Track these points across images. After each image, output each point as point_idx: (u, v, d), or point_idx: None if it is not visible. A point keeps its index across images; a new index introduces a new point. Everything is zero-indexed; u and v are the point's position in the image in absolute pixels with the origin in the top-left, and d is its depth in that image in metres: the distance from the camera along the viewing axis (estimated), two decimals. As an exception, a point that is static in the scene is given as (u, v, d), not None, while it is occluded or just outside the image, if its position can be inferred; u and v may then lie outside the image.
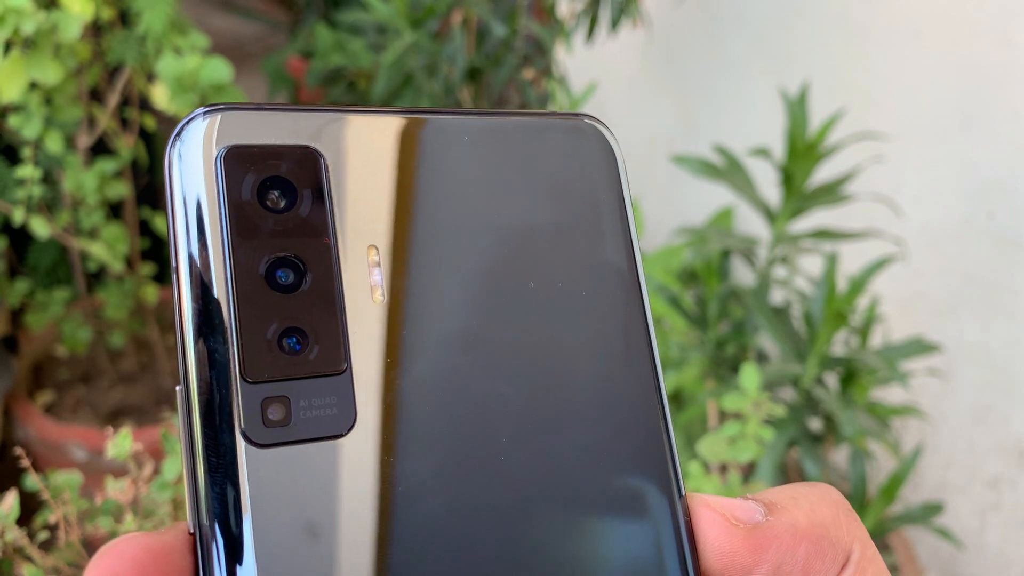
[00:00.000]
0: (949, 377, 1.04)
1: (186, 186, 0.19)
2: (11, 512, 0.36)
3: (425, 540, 0.18)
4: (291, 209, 0.19)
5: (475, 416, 0.20)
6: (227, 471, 0.17)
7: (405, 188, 0.21)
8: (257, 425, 0.18)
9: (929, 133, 1.03)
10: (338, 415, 0.19)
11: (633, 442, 0.21)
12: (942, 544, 1.06)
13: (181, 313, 0.18)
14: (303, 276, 0.19)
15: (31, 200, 0.92)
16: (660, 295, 0.95)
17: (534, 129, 0.22)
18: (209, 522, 0.17)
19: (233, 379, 0.18)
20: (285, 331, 0.19)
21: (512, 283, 0.21)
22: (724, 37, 1.29)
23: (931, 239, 1.04)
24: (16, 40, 0.78)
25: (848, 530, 0.21)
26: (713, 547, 0.20)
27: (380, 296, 0.20)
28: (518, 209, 0.21)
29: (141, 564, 0.17)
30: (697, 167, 0.91)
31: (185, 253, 0.19)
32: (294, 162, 0.20)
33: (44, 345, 1.22)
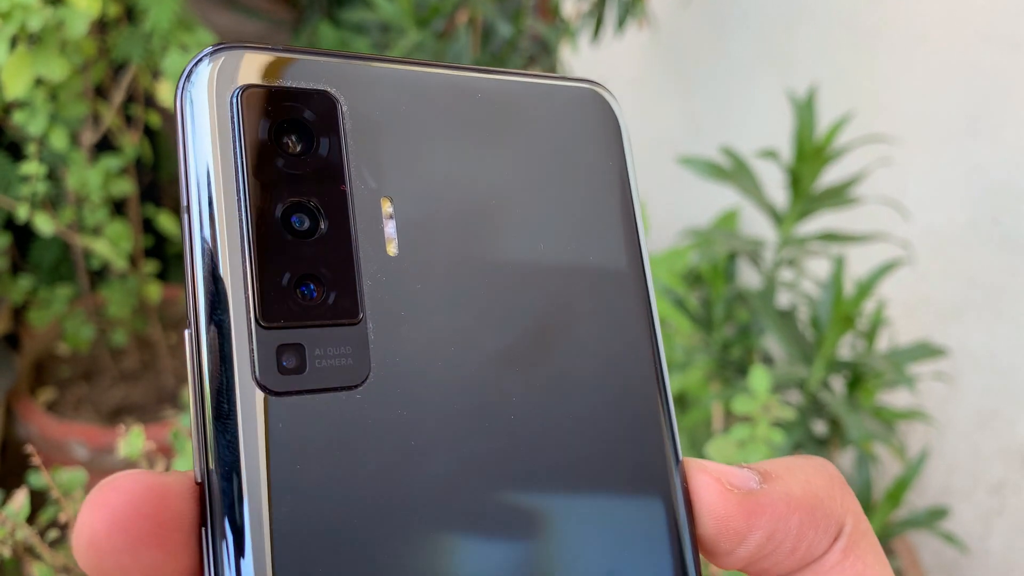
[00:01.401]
0: (953, 381, 1.03)
1: (199, 127, 0.18)
2: (22, 511, 0.35)
3: (435, 494, 0.18)
4: (308, 153, 0.19)
5: (485, 374, 0.20)
6: (239, 419, 0.17)
7: (419, 141, 0.20)
8: (271, 372, 0.17)
9: (935, 137, 1.03)
10: (353, 366, 0.18)
11: (632, 407, 0.21)
12: (945, 549, 1.06)
13: (192, 257, 0.18)
14: (319, 222, 0.19)
15: (35, 197, 0.92)
16: (665, 297, 0.94)
17: (543, 92, 0.22)
18: (218, 470, 0.17)
19: (248, 323, 0.17)
20: (301, 277, 0.18)
21: (520, 243, 0.21)
22: (730, 39, 1.28)
23: (937, 243, 1.04)
24: (22, 36, 0.77)
25: (842, 503, 0.21)
26: (708, 511, 0.20)
27: (394, 249, 0.19)
28: (526, 171, 0.22)
29: (138, 501, 0.16)
30: (704, 169, 0.90)
31: (198, 196, 0.18)
32: (311, 105, 0.19)
33: (46, 343, 1.21)
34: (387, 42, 1.23)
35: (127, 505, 0.16)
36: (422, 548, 0.18)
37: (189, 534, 0.17)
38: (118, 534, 0.16)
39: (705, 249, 0.90)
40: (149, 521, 0.16)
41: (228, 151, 0.18)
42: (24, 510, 0.36)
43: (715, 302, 0.91)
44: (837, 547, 0.21)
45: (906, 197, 1.03)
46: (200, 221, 0.18)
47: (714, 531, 0.20)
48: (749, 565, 0.21)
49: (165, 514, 0.17)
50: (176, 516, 0.17)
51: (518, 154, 0.22)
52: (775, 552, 0.20)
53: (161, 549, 0.17)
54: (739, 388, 0.80)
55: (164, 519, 0.17)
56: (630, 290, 0.22)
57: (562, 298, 0.21)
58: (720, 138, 1.12)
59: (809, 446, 0.83)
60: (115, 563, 0.16)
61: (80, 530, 0.16)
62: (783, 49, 1.21)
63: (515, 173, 0.21)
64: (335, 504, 0.17)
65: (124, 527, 0.16)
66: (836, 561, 0.21)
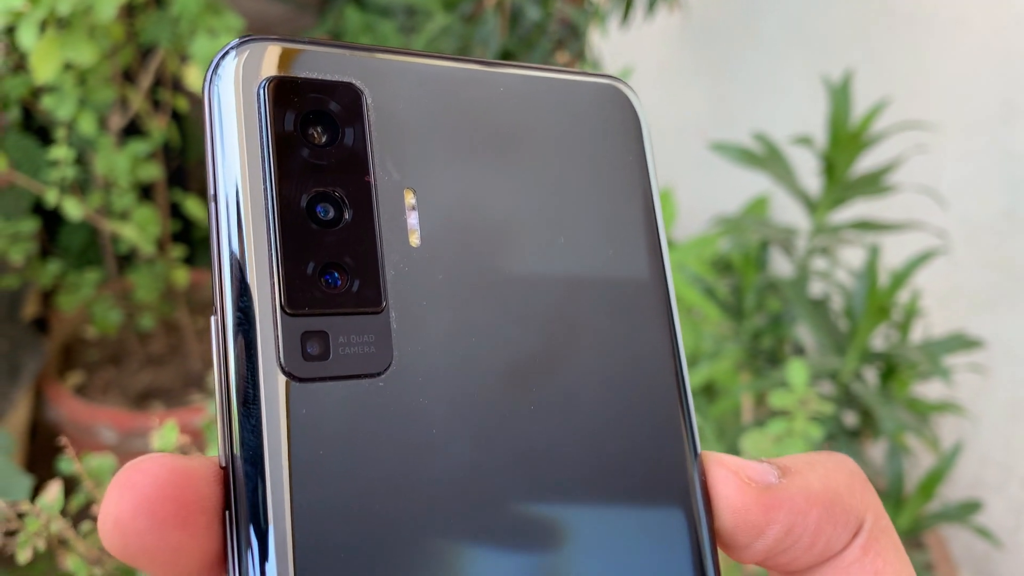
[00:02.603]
0: (986, 373, 1.02)
1: (227, 118, 0.19)
2: (56, 502, 0.35)
3: (455, 482, 0.19)
4: (333, 144, 0.19)
5: (505, 365, 0.20)
6: (264, 404, 0.17)
7: (443, 134, 0.21)
8: (296, 359, 0.18)
9: (971, 123, 1.01)
10: (376, 354, 0.19)
11: (651, 401, 0.21)
12: (976, 542, 1.05)
13: (219, 246, 0.18)
14: (343, 212, 0.19)
15: (64, 181, 0.92)
16: (694, 285, 0.93)
17: (565, 87, 0.23)
18: (243, 455, 0.17)
19: (275, 310, 0.18)
20: (325, 266, 0.19)
21: (540, 238, 0.21)
22: (762, 22, 1.26)
23: (971, 232, 1.02)
24: (51, 20, 0.77)
25: (862, 499, 0.21)
26: (725, 504, 0.21)
27: (416, 240, 0.20)
28: (548, 165, 0.22)
29: (163, 483, 0.17)
30: (736, 155, 0.89)
31: (225, 185, 0.18)
32: (337, 97, 0.20)
33: (75, 326, 1.22)
34: (414, 25, 1.22)
35: (152, 487, 0.17)
36: (441, 535, 0.18)
37: (213, 517, 0.17)
38: (143, 516, 0.16)
39: (736, 237, 0.89)
40: (173, 503, 0.17)
41: (254, 142, 0.19)
42: (58, 502, 0.35)
43: (746, 291, 0.90)
44: (856, 543, 0.21)
45: (939, 184, 1.01)
46: (227, 210, 0.18)
47: (731, 524, 0.20)
48: (767, 559, 0.21)
49: (189, 496, 0.17)
50: (200, 499, 0.17)
51: (539, 149, 0.22)
52: (793, 547, 0.20)
53: (185, 531, 0.17)
54: (770, 378, 0.79)
55: (188, 501, 0.17)
56: (650, 287, 0.22)
57: (581, 294, 0.21)
58: (751, 124, 1.10)
59: (841, 438, 0.82)
60: (140, 545, 0.17)
61: (106, 512, 0.17)
62: (816, 33, 1.19)
63: (536, 168, 0.22)
64: (356, 489, 0.18)
65: (149, 509, 0.17)
66: (855, 557, 0.21)
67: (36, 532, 0.34)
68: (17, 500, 0.35)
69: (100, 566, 0.37)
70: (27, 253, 1.05)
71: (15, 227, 1.03)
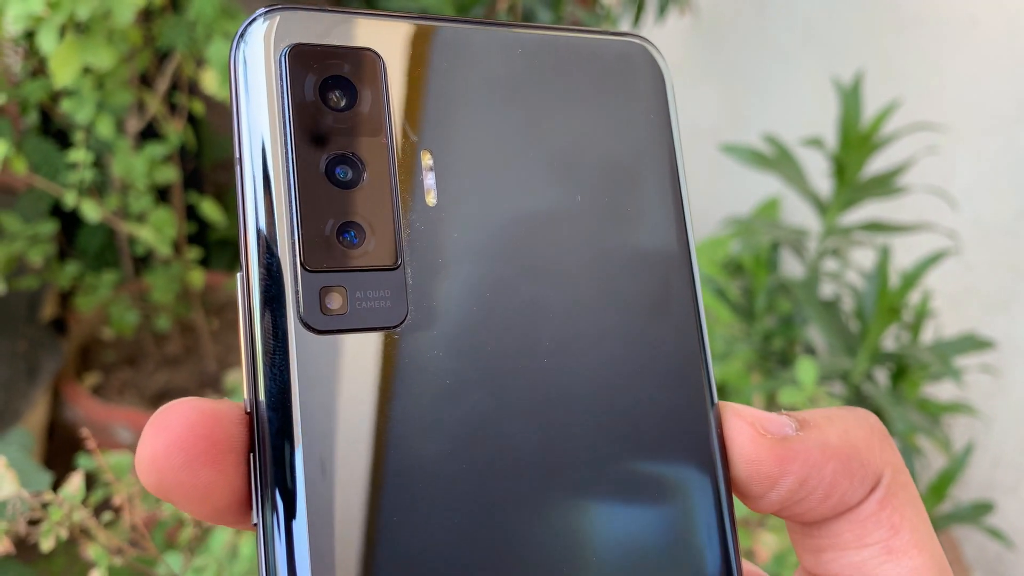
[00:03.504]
0: (999, 374, 1.02)
1: (251, 83, 0.20)
2: (78, 492, 0.36)
3: (469, 430, 0.19)
4: (351, 108, 0.20)
5: (519, 319, 0.20)
6: (285, 354, 0.18)
7: (460, 97, 0.21)
8: (315, 312, 0.19)
9: (983, 124, 1.01)
10: (391, 308, 0.19)
11: (669, 352, 0.22)
12: (989, 543, 1.05)
13: (244, 205, 0.19)
14: (361, 173, 0.20)
15: (82, 184, 0.93)
16: (706, 286, 0.94)
17: (585, 47, 0.23)
18: (266, 401, 0.18)
19: (295, 266, 0.19)
20: (343, 225, 0.20)
21: (559, 196, 0.22)
22: (772, 25, 1.27)
23: (983, 233, 1.02)
24: (70, 25, 0.78)
25: (881, 454, 0.21)
26: (740, 455, 0.21)
27: (433, 199, 0.20)
28: (567, 125, 0.22)
29: (195, 424, 0.18)
30: (747, 157, 0.89)
31: (249, 147, 0.19)
32: (355, 63, 0.20)
33: (92, 327, 1.23)
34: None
35: (184, 427, 0.18)
36: (453, 480, 0.19)
37: (241, 456, 0.18)
38: (177, 453, 0.18)
39: (747, 238, 0.89)
40: (205, 441, 0.18)
41: (276, 107, 0.19)
42: (80, 492, 0.36)
43: (757, 292, 0.91)
44: (874, 497, 0.21)
45: (951, 186, 1.01)
46: (251, 173, 0.19)
47: (746, 474, 0.21)
48: (782, 510, 0.21)
49: (219, 435, 0.18)
50: (229, 438, 0.18)
51: (560, 108, 0.22)
52: (808, 498, 0.21)
53: (215, 468, 0.18)
54: (781, 379, 0.79)
55: (218, 440, 0.18)
56: (670, 242, 0.22)
57: (599, 248, 0.22)
58: (761, 125, 1.10)
59: (851, 438, 0.82)
60: (174, 480, 0.18)
61: (142, 450, 0.18)
62: (827, 34, 1.19)
63: (555, 127, 0.22)
64: (369, 435, 0.18)
65: (182, 447, 0.18)
66: (872, 512, 0.21)
67: (59, 521, 0.35)
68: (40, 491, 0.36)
69: (121, 556, 0.37)
70: (46, 255, 1.06)
71: (34, 229, 1.05)
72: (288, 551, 0.18)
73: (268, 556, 0.18)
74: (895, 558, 0.21)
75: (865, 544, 0.21)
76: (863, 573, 0.21)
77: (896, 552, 0.21)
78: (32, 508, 0.35)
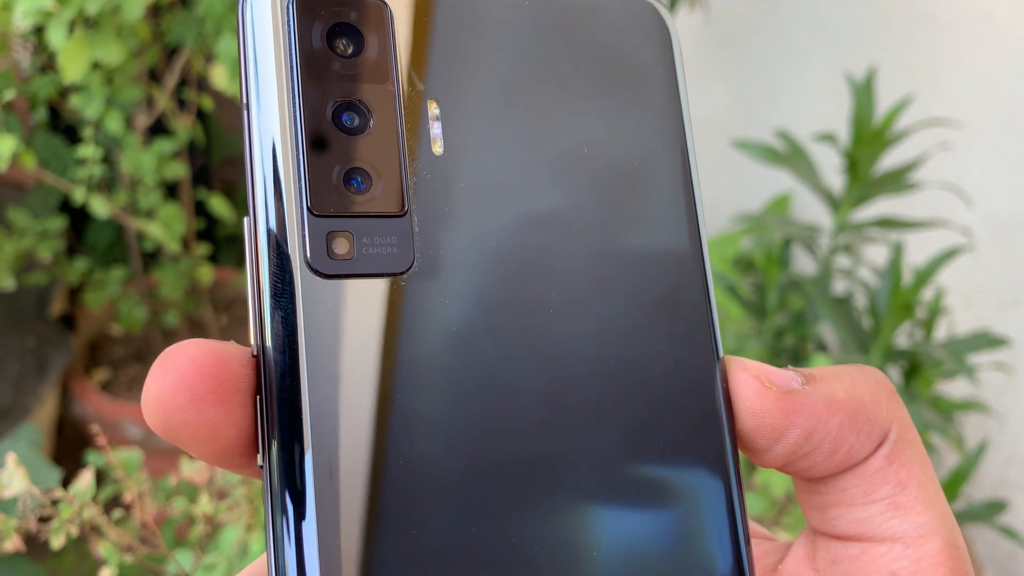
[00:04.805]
0: (1012, 371, 1.01)
1: (258, 31, 0.20)
2: (88, 490, 0.36)
3: (474, 378, 0.19)
4: (358, 55, 0.20)
5: (525, 269, 0.20)
6: (291, 298, 0.18)
7: (468, 47, 0.21)
8: (322, 256, 0.19)
9: (997, 120, 1.00)
10: (398, 254, 0.19)
11: (675, 303, 0.22)
12: (1002, 542, 1.04)
13: (251, 151, 0.19)
14: (368, 121, 0.20)
15: (91, 180, 0.93)
16: (717, 283, 0.93)
17: (592, 2, 0.23)
18: (273, 343, 0.18)
19: (302, 211, 0.19)
20: (350, 171, 0.20)
21: (564, 148, 0.22)
22: (784, 20, 1.26)
23: (997, 230, 1.01)
24: (79, 20, 0.78)
25: (888, 410, 0.21)
26: (745, 407, 0.21)
27: (439, 148, 0.20)
28: (574, 77, 0.22)
29: (200, 363, 0.18)
30: (759, 152, 0.89)
31: (256, 94, 0.20)
32: (361, 11, 0.20)
33: (101, 323, 1.23)
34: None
35: (191, 367, 0.18)
36: (455, 428, 0.19)
37: (247, 397, 0.18)
38: (183, 392, 0.18)
39: (758, 235, 0.89)
40: (211, 381, 0.18)
41: (283, 54, 0.20)
42: (91, 489, 0.36)
43: (768, 289, 0.90)
44: (880, 453, 0.21)
45: (964, 182, 1.00)
46: (258, 118, 0.19)
47: (751, 427, 0.21)
48: (787, 464, 0.21)
49: (225, 375, 0.18)
50: (235, 379, 0.18)
51: (566, 61, 0.22)
52: (813, 452, 0.20)
53: (221, 407, 0.18)
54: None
55: (224, 379, 0.18)
56: (676, 195, 0.22)
57: (605, 201, 0.22)
58: (773, 121, 1.10)
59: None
60: (180, 419, 0.18)
61: (148, 389, 0.18)
62: (839, 29, 1.18)
63: (562, 79, 0.22)
64: (374, 379, 0.19)
65: (188, 386, 0.18)
66: (879, 467, 0.21)
67: (69, 519, 0.35)
68: (51, 488, 0.35)
69: (131, 553, 0.37)
70: (55, 251, 1.06)
71: (43, 225, 1.05)
72: (293, 493, 0.18)
73: (274, 499, 0.18)
74: (902, 514, 0.20)
75: (872, 500, 0.21)
76: (869, 529, 0.21)
77: (903, 508, 0.20)
78: (42, 505, 0.34)
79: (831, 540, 0.21)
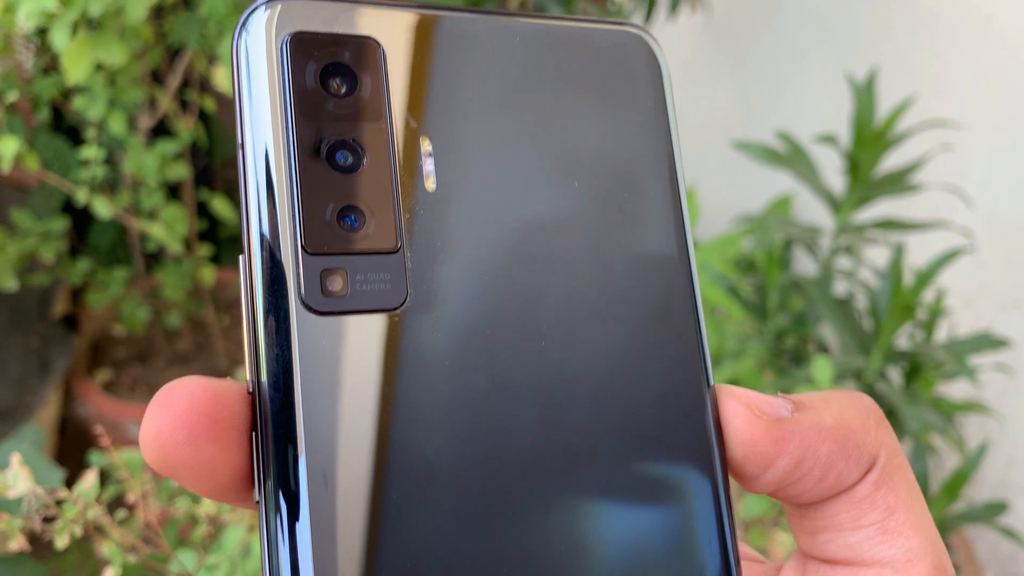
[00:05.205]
0: (1013, 373, 1.01)
1: (253, 70, 0.20)
2: (92, 490, 0.36)
3: (466, 413, 0.20)
4: (351, 95, 0.21)
5: (517, 303, 0.21)
6: (286, 335, 0.19)
7: (459, 84, 0.21)
8: (316, 294, 0.19)
9: (998, 121, 1.00)
10: (391, 290, 0.20)
11: (666, 334, 0.22)
12: (1003, 543, 1.04)
13: (247, 189, 0.20)
14: (361, 159, 0.20)
15: (93, 181, 0.93)
16: (717, 284, 0.93)
17: (583, 36, 0.23)
18: (268, 380, 0.19)
19: (296, 249, 0.19)
20: (344, 209, 0.20)
21: (555, 183, 0.22)
22: (785, 21, 1.26)
23: (997, 231, 1.01)
24: (82, 22, 0.78)
25: (876, 436, 0.21)
26: (735, 436, 0.21)
27: (432, 185, 0.21)
28: (564, 113, 0.22)
29: (198, 401, 0.18)
30: (760, 153, 0.89)
31: (251, 134, 0.20)
32: (355, 50, 0.21)
33: (103, 324, 1.24)
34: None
35: (188, 404, 0.18)
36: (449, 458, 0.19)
37: (243, 433, 0.19)
38: (180, 430, 0.18)
39: (759, 236, 0.89)
40: (207, 419, 0.18)
41: (277, 93, 0.20)
42: (95, 489, 0.36)
43: (769, 290, 0.90)
44: (869, 479, 0.21)
45: (965, 184, 1.00)
46: (254, 158, 0.20)
47: (742, 455, 0.21)
48: (777, 490, 0.21)
49: (221, 413, 0.18)
50: (231, 416, 0.18)
51: (557, 96, 0.22)
52: (803, 479, 0.21)
53: (218, 445, 0.18)
54: (794, 378, 0.79)
55: (221, 417, 0.18)
56: (666, 228, 0.23)
57: (596, 235, 0.22)
58: (774, 122, 1.10)
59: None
60: (178, 456, 0.18)
61: (147, 427, 0.18)
62: (840, 30, 1.18)
63: (553, 114, 0.22)
64: (369, 415, 0.19)
65: (186, 423, 0.18)
66: (867, 493, 0.21)
67: (73, 519, 0.35)
68: (55, 487, 0.35)
69: (135, 553, 0.37)
70: (57, 251, 1.06)
71: (46, 226, 1.05)
72: (290, 529, 0.18)
73: (271, 534, 0.18)
74: (890, 539, 0.21)
75: (860, 525, 0.21)
76: (859, 554, 0.21)
77: (891, 533, 0.21)
78: (46, 505, 0.35)
79: (821, 564, 0.22)
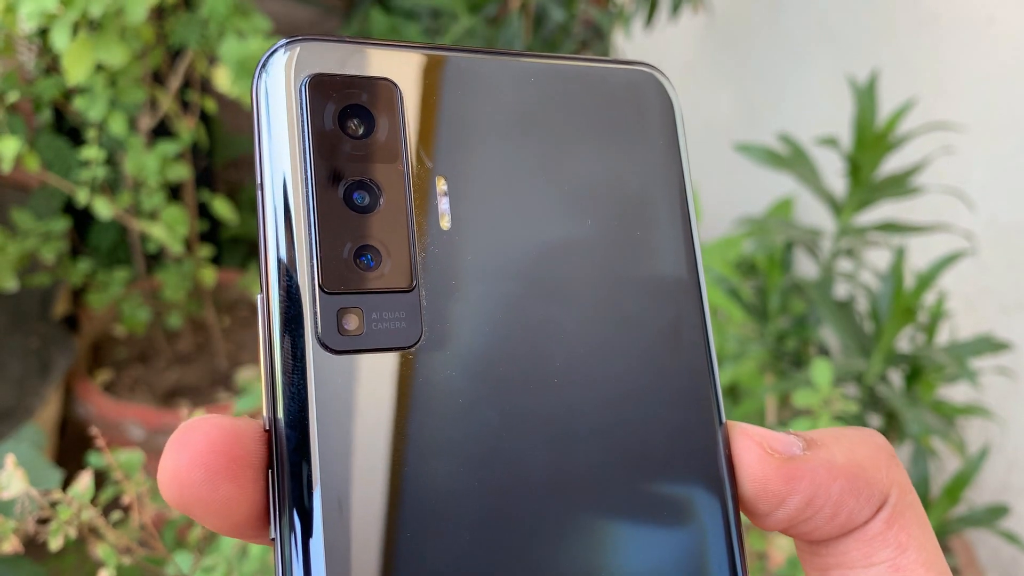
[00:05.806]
0: (1015, 376, 1.01)
1: (273, 112, 0.20)
2: (87, 491, 0.36)
3: (481, 451, 0.20)
4: (369, 136, 0.21)
5: (531, 340, 0.21)
6: (303, 374, 0.19)
7: (473, 124, 0.22)
8: (332, 332, 0.19)
9: (1000, 124, 1.00)
10: (406, 329, 0.20)
11: (678, 371, 0.22)
12: (1004, 547, 1.04)
13: (265, 228, 0.20)
14: (378, 199, 0.21)
15: (94, 181, 0.94)
16: (719, 286, 0.93)
17: (596, 75, 0.23)
18: (285, 418, 0.19)
19: (313, 288, 0.19)
20: (360, 248, 0.20)
21: (569, 221, 0.22)
22: (787, 23, 1.26)
23: (999, 234, 1.01)
24: (83, 22, 0.78)
25: (888, 474, 0.21)
26: (747, 473, 0.21)
27: (447, 224, 0.21)
28: (578, 152, 0.23)
29: (215, 440, 0.18)
30: (761, 156, 0.89)
31: (270, 174, 0.20)
32: (372, 92, 0.21)
33: (104, 325, 1.24)
34: (439, 28, 1.22)
35: (205, 444, 0.18)
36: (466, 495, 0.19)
37: (260, 472, 0.19)
38: (198, 469, 0.18)
39: (761, 238, 0.88)
40: (224, 458, 0.18)
41: (297, 134, 0.20)
42: (89, 491, 0.36)
43: (770, 292, 0.90)
44: (880, 517, 0.21)
45: (967, 186, 1.00)
46: (272, 199, 0.20)
47: (753, 493, 0.21)
48: (789, 528, 0.21)
49: (239, 452, 0.19)
50: (248, 455, 0.19)
51: (570, 135, 0.23)
52: (814, 517, 0.21)
53: (235, 484, 0.18)
54: (795, 380, 0.79)
55: (238, 456, 0.19)
56: (679, 265, 0.23)
57: (610, 271, 0.22)
58: (775, 124, 1.10)
59: (865, 440, 0.81)
60: (195, 495, 0.18)
61: (164, 466, 0.18)
62: (842, 32, 1.18)
63: (567, 154, 0.22)
64: (384, 453, 0.19)
65: (203, 463, 0.18)
66: (879, 531, 0.21)
67: (67, 520, 0.35)
68: (49, 489, 0.35)
69: (130, 555, 0.37)
70: (58, 252, 1.06)
71: (47, 226, 1.05)
72: (305, 567, 0.18)
73: (286, 572, 0.18)
74: None
75: (872, 563, 0.21)
76: None
77: (903, 571, 0.21)
78: (41, 507, 0.34)
79: None
